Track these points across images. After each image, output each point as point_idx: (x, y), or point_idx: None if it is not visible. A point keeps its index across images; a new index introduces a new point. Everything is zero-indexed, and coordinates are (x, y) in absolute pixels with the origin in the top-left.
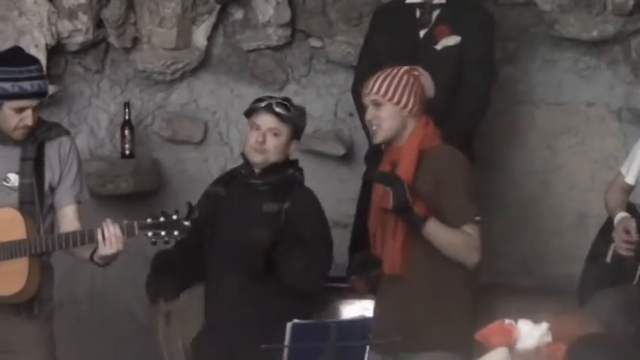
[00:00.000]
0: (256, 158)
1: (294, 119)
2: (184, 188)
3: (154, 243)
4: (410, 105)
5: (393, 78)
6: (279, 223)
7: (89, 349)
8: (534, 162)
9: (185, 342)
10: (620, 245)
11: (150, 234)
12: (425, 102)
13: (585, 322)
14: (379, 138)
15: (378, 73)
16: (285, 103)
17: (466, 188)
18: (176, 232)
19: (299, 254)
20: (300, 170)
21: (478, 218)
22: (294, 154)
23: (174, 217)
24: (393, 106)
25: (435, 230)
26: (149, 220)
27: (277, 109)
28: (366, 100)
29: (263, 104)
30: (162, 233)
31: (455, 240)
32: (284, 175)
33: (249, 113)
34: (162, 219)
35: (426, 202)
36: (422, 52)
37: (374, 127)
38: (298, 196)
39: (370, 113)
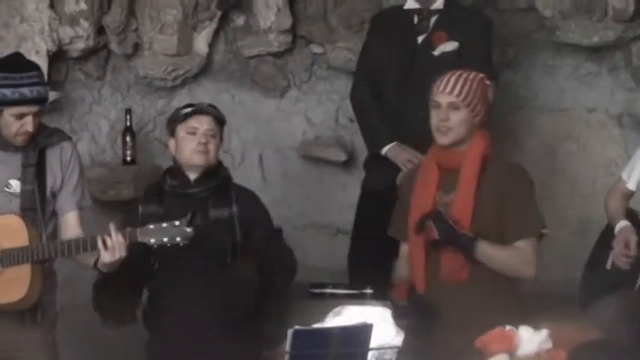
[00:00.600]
0: (200, 161)
1: (223, 120)
2: None
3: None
4: (481, 114)
5: (471, 84)
6: (233, 228)
7: (90, 356)
8: (535, 167)
9: None
10: (619, 258)
11: (152, 240)
12: (488, 113)
13: (586, 328)
14: (447, 140)
15: (450, 75)
16: (213, 105)
17: (533, 202)
18: (178, 239)
19: (280, 256)
20: (228, 169)
21: (545, 231)
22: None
23: (177, 223)
24: (468, 112)
25: (487, 251)
26: (151, 227)
27: (213, 111)
28: (441, 99)
29: (193, 108)
30: (165, 239)
31: (507, 258)
32: (219, 178)
33: (178, 121)
34: (164, 225)
35: (484, 212)
36: (420, 58)
37: (444, 129)
38: (242, 196)
39: (444, 114)
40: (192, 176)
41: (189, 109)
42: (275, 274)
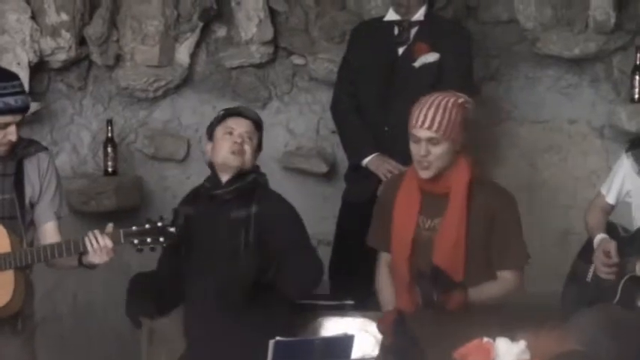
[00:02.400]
0: (235, 162)
1: (262, 128)
2: (167, 205)
3: (140, 250)
4: (460, 140)
5: (450, 114)
6: (248, 228)
7: None
8: (517, 179)
9: None
10: (600, 269)
11: (135, 241)
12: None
13: (563, 339)
14: (429, 174)
15: (428, 106)
16: (255, 111)
17: (515, 230)
18: (162, 239)
19: (298, 263)
20: (263, 175)
21: (529, 259)
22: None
23: (159, 223)
24: (449, 145)
25: (475, 301)
26: (134, 228)
27: (251, 115)
28: (420, 134)
29: (235, 110)
30: (148, 240)
31: (494, 296)
32: (247, 180)
33: (215, 122)
34: (147, 226)
35: (474, 239)
36: (400, 69)
37: (425, 164)
38: (264, 198)
39: (424, 149)
40: (225, 178)
41: (228, 111)
42: (287, 281)
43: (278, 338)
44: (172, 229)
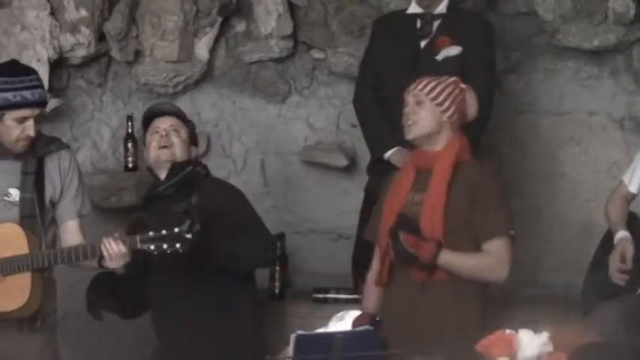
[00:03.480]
0: (165, 156)
1: (189, 121)
2: None
3: (157, 256)
4: (450, 111)
5: (440, 82)
6: (192, 218)
7: None
8: (538, 172)
9: None
10: (614, 273)
11: (152, 247)
12: (464, 117)
13: (586, 331)
14: (412, 134)
15: (426, 77)
16: (175, 105)
17: (502, 202)
18: (178, 245)
19: (242, 239)
20: (204, 166)
21: (512, 232)
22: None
23: (176, 229)
24: (433, 107)
25: (450, 262)
26: (151, 234)
27: (172, 109)
28: (408, 96)
29: (154, 110)
30: (165, 246)
31: (472, 265)
32: (184, 173)
33: (145, 128)
34: (164, 232)
35: (455, 211)
36: (423, 63)
37: (410, 122)
38: (205, 187)
39: (410, 108)
40: (162, 175)
41: (148, 113)
42: (237, 254)
43: (299, 332)
44: (189, 236)
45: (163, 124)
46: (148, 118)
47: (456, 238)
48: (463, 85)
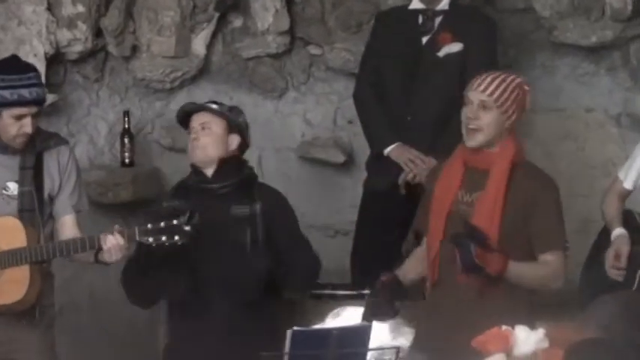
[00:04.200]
0: (197, 157)
1: (225, 111)
2: None
3: (155, 248)
4: (513, 117)
5: (507, 85)
6: (254, 226)
7: (90, 357)
8: None
9: None
10: (609, 270)
11: (150, 239)
12: (520, 117)
13: (582, 327)
14: (476, 142)
15: (490, 74)
16: (213, 101)
17: (559, 213)
18: (177, 237)
19: (300, 258)
20: (252, 167)
21: (567, 245)
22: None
23: (175, 222)
24: (499, 114)
25: (517, 274)
26: (149, 226)
27: (206, 104)
28: (473, 96)
29: (188, 108)
30: (163, 238)
31: (535, 275)
32: (242, 175)
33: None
34: (162, 224)
35: (511, 216)
36: (424, 59)
37: (472, 127)
38: (266, 195)
39: (473, 112)
40: (209, 172)
41: (182, 112)
42: (291, 276)
43: (296, 328)
44: (188, 228)
45: (194, 122)
46: (183, 117)
47: (508, 244)
48: (527, 87)
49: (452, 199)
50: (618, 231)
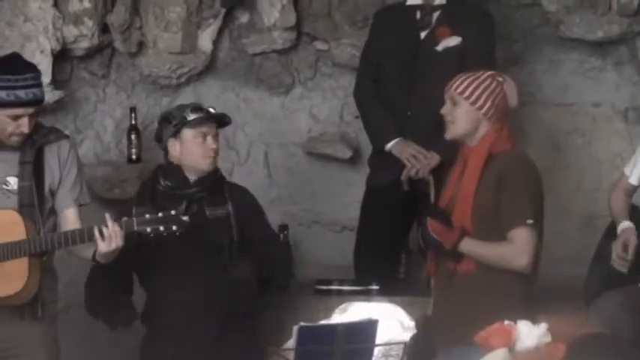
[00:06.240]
0: (211, 167)
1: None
2: None
3: (153, 238)
4: (485, 108)
5: (475, 79)
6: (230, 226)
7: (96, 354)
8: (541, 162)
9: None
10: (615, 260)
11: (148, 229)
12: (504, 109)
13: (585, 322)
14: (450, 134)
15: (463, 74)
16: (214, 108)
17: (524, 191)
18: (174, 227)
19: (277, 253)
20: (219, 169)
21: (530, 221)
22: None
23: (173, 212)
24: (468, 106)
25: (471, 251)
26: (147, 216)
27: (216, 114)
28: (446, 96)
29: (203, 114)
30: (161, 228)
31: (493, 253)
32: (216, 177)
33: (187, 125)
34: (160, 214)
35: (483, 202)
36: (423, 54)
37: (448, 120)
38: (236, 194)
39: (445, 108)
40: (193, 178)
41: (198, 116)
42: (274, 273)
43: (302, 323)
44: (185, 218)
45: (211, 130)
46: (196, 121)
47: (486, 228)
48: (500, 78)
49: (450, 193)
50: (625, 224)
